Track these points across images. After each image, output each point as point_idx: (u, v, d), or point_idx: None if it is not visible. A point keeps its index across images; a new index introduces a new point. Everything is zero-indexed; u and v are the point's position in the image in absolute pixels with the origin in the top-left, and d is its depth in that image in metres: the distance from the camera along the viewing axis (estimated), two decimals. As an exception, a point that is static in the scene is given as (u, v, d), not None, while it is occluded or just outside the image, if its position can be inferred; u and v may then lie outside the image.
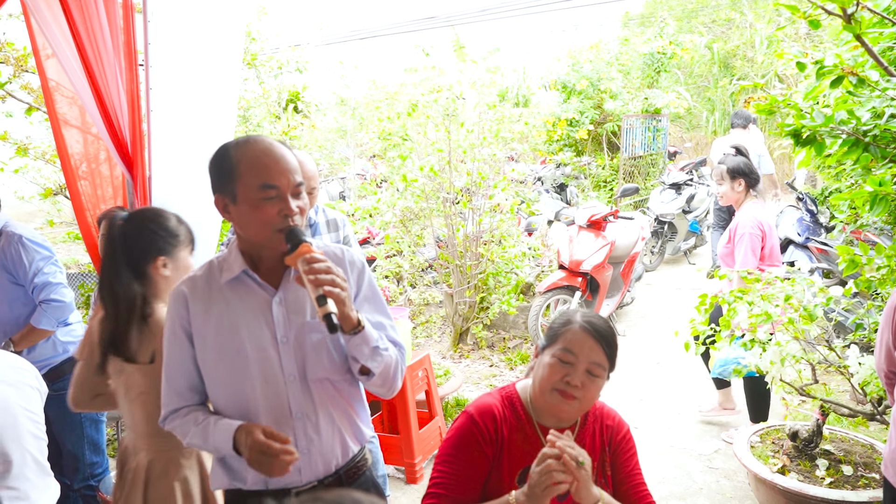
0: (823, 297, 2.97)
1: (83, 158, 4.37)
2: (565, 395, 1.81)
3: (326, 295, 1.64)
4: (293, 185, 1.72)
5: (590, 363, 1.81)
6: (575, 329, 1.84)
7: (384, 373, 1.82)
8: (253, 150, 1.72)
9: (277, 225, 1.70)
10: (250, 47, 6.39)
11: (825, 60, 2.75)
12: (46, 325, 2.97)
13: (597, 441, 1.94)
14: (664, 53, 9.61)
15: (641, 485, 1.93)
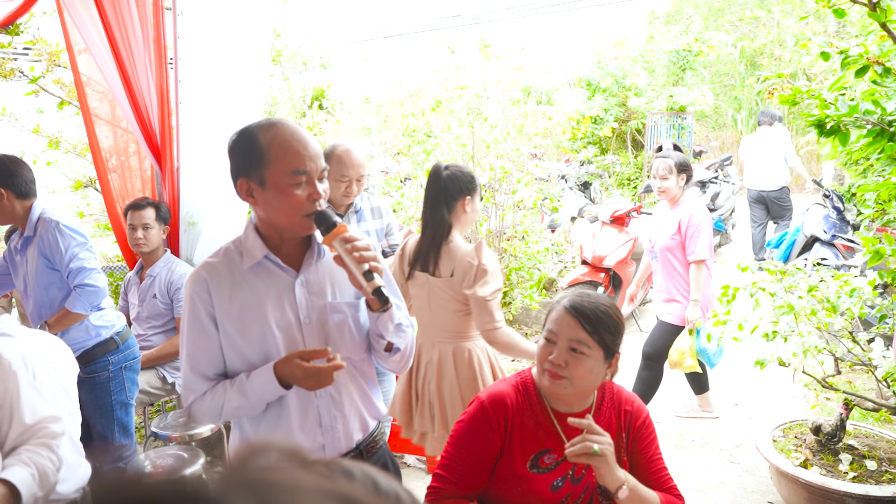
0: (847, 290, 2.96)
1: (112, 152, 4.47)
2: (552, 376, 1.84)
3: (372, 270, 1.69)
4: (320, 169, 1.75)
5: (570, 340, 1.83)
6: (558, 309, 1.89)
7: (405, 350, 1.90)
8: (282, 134, 1.73)
9: (306, 210, 1.73)
10: (275, 44, 6.46)
11: (850, 50, 2.74)
12: (80, 310, 3.05)
13: (613, 426, 1.95)
14: (690, 51, 9.55)
15: (663, 470, 1.94)
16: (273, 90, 7.13)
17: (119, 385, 3.22)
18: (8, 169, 3.05)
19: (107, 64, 3.80)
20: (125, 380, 3.25)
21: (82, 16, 3.74)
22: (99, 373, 3.18)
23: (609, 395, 1.99)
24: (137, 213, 3.84)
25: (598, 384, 1.91)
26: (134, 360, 3.34)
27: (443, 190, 2.84)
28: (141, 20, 3.83)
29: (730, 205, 8.97)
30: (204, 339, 1.83)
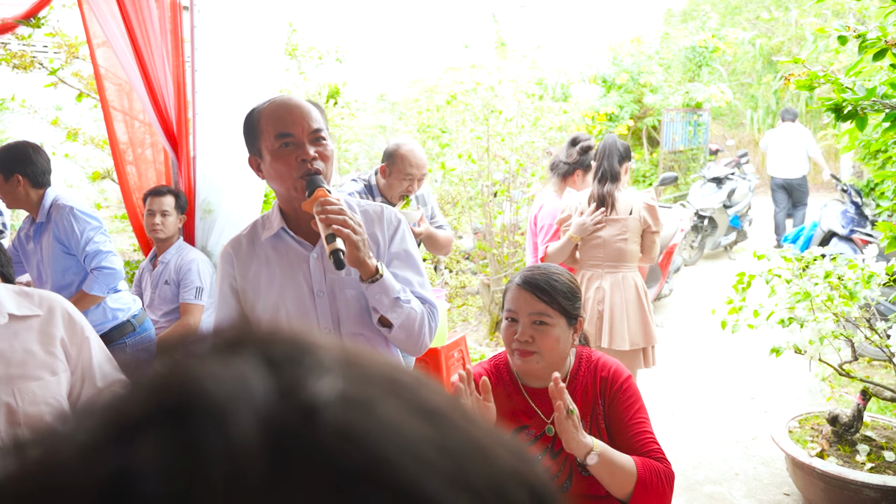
0: (865, 276, 2.93)
1: (129, 144, 4.51)
2: (522, 354, 1.88)
3: (335, 234, 1.70)
4: (308, 131, 1.79)
5: (531, 315, 1.87)
6: (513, 287, 1.92)
7: (406, 326, 1.84)
8: (271, 106, 1.82)
9: (298, 171, 1.78)
10: (292, 38, 6.48)
11: (868, 34, 2.71)
12: (98, 292, 3.08)
13: (588, 393, 1.95)
14: (706, 47, 9.50)
15: (644, 433, 1.87)
16: (289, 84, 7.15)
17: None
18: (28, 156, 3.11)
19: (126, 56, 3.83)
20: None
21: (103, 9, 3.79)
22: (116, 355, 3.21)
23: (585, 364, 1.99)
24: (157, 200, 3.89)
25: (567, 352, 1.94)
26: (151, 342, 3.37)
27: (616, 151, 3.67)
28: (160, 14, 3.87)
29: (746, 201, 8.91)
30: (227, 310, 1.93)
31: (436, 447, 0.31)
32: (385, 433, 0.30)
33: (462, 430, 0.34)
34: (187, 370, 0.32)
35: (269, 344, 0.34)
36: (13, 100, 5.12)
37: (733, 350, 5.43)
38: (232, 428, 0.28)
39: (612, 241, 3.57)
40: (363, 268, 1.76)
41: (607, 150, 3.68)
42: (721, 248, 8.91)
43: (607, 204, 3.56)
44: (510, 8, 12.34)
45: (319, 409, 0.30)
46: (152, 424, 0.29)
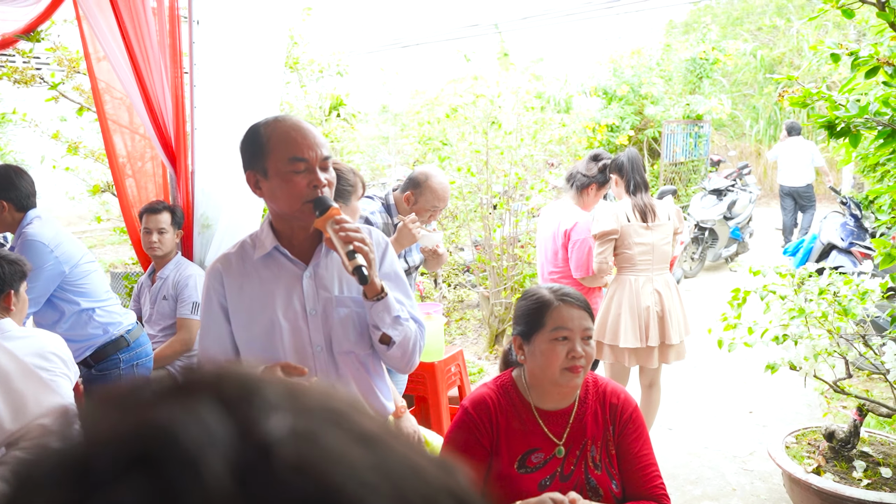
0: (859, 292, 2.93)
1: (129, 158, 4.53)
2: (574, 370, 1.85)
3: (356, 250, 1.72)
4: (321, 158, 1.80)
5: (583, 331, 1.87)
6: (556, 306, 1.89)
7: (403, 344, 1.88)
8: (282, 126, 1.80)
9: (307, 196, 1.78)
10: (293, 51, 6.51)
11: (860, 52, 2.72)
12: None
13: (599, 419, 1.95)
14: (706, 59, 9.51)
15: (650, 466, 1.92)
16: (290, 97, 7.18)
17: None
18: (11, 181, 3.12)
19: (124, 71, 3.86)
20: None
21: (101, 24, 3.81)
22: (110, 370, 3.22)
23: (594, 389, 1.98)
24: (153, 217, 3.89)
25: None
26: (146, 357, 3.37)
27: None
28: (159, 27, 3.90)
29: (747, 213, 8.91)
30: (215, 327, 1.91)
31: (376, 470, 0.35)
32: (332, 462, 0.34)
33: (396, 452, 0.37)
34: (150, 419, 0.33)
35: (220, 385, 0.36)
36: (14, 113, 5.15)
37: (732, 364, 5.42)
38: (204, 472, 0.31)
39: (659, 246, 3.85)
40: (370, 287, 1.79)
41: (634, 163, 3.95)
42: (722, 259, 8.91)
43: (649, 213, 3.85)
44: (512, 20, 12.38)
45: (274, 445, 0.33)
46: (126, 475, 0.31)
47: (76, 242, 3.24)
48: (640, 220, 3.84)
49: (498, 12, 12.42)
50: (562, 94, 11.18)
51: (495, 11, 12.44)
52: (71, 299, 3.14)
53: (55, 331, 3.12)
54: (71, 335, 3.15)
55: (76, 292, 3.15)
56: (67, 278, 3.11)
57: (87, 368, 3.31)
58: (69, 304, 3.14)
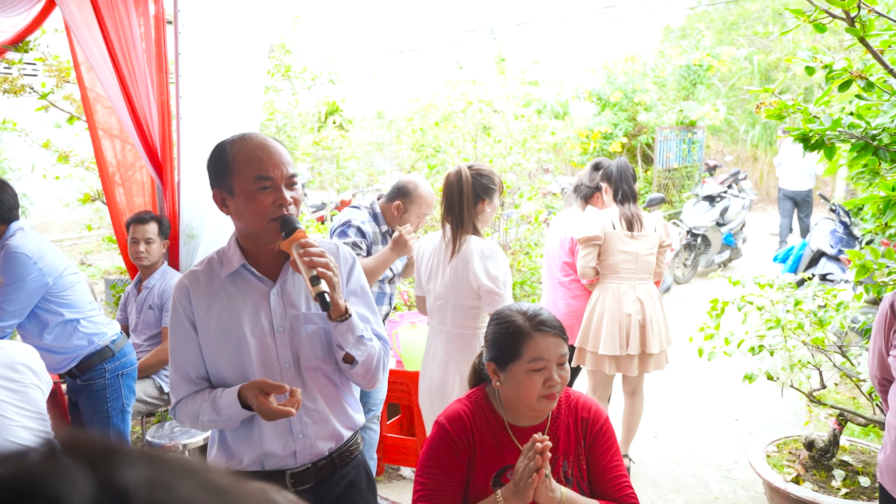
0: (834, 303, 2.95)
1: (120, 166, 4.55)
2: (551, 397, 1.86)
3: (319, 276, 1.73)
4: (286, 176, 1.81)
5: (559, 357, 1.86)
6: (532, 335, 1.86)
7: (367, 363, 1.89)
8: (247, 144, 1.81)
9: (272, 214, 1.79)
10: (285, 60, 6.54)
11: (834, 65, 2.74)
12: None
13: (571, 434, 1.95)
14: (700, 65, 9.54)
15: (620, 476, 1.93)
16: (282, 105, 7.21)
17: (115, 392, 3.29)
18: None
19: (108, 79, 3.88)
20: (122, 387, 3.32)
21: (85, 35, 3.84)
22: (96, 380, 3.25)
23: (566, 403, 1.99)
24: (140, 228, 3.91)
25: None
26: (131, 367, 3.40)
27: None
28: (145, 31, 3.93)
29: (740, 219, 8.92)
30: (186, 343, 1.92)
31: None
32: None
33: (239, 499, 0.43)
34: (27, 473, 0.39)
35: (87, 447, 0.42)
36: (4, 123, 5.18)
37: (719, 372, 5.43)
38: None
39: (642, 255, 3.93)
40: (335, 307, 1.79)
41: (623, 173, 4.03)
42: (715, 266, 8.92)
43: (636, 222, 3.93)
44: (507, 26, 12.42)
45: (131, 492, 0.38)
46: None
47: (59, 254, 3.24)
48: (625, 228, 3.90)
49: (493, 18, 12.46)
50: (558, 100, 11.21)
51: (490, 17, 12.48)
52: (55, 310, 3.16)
53: (40, 342, 3.15)
54: (56, 346, 3.18)
55: (60, 303, 3.17)
56: (51, 290, 3.12)
57: (73, 379, 3.33)
58: (53, 315, 3.16)
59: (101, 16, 3.68)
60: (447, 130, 6.36)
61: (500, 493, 1.79)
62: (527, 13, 12.03)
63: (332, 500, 1.97)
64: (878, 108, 2.88)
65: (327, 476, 1.96)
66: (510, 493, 1.77)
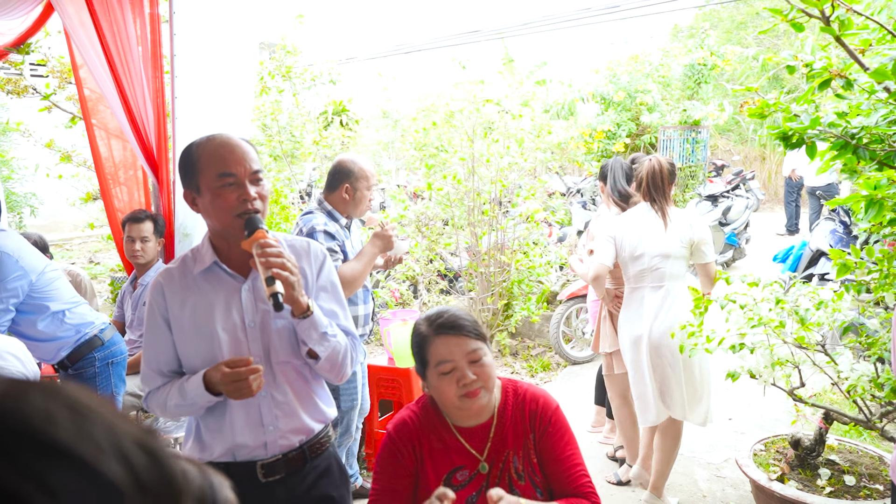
0: (814, 302, 2.95)
1: (122, 165, 4.62)
2: (471, 395, 1.83)
3: (274, 276, 1.77)
4: (249, 172, 1.86)
5: (468, 355, 1.84)
6: (432, 339, 1.87)
7: (331, 358, 1.94)
8: (211, 144, 1.87)
9: (237, 210, 1.84)
10: (286, 60, 6.60)
11: (814, 64, 2.76)
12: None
13: (519, 428, 1.94)
14: (704, 64, 9.51)
15: (575, 466, 1.91)
16: (285, 105, 7.26)
17: (105, 380, 3.38)
18: None
19: (104, 79, 3.94)
20: (111, 375, 3.42)
21: (80, 32, 3.89)
22: (86, 369, 3.35)
23: (513, 398, 1.97)
24: (136, 226, 3.98)
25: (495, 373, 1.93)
26: (121, 356, 3.48)
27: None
28: (139, 35, 3.98)
29: (743, 219, 8.90)
30: (158, 338, 1.98)
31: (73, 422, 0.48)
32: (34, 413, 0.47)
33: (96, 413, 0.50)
34: None
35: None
36: (7, 124, 5.27)
37: (714, 370, 5.42)
38: None
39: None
40: (296, 305, 1.84)
41: (614, 172, 4.08)
42: (717, 265, 8.89)
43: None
44: (512, 27, 12.43)
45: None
46: None
47: (38, 254, 3.35)
48: None
49: (498, 19, 12.48)
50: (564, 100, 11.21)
51: (496, 18, 12.49)
52: (41, 304, 3.24)
53: (29, 335, 3.22)
54: (44, 336, 3.28)
55: (45, 297, 3.26)
56: (35, 286, 3.21)
57: (64, 371, 3.41)
58: (39, 308, 3.25)
59: (96, 16, 3.74)
60: (448, 130, 6.39)
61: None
62: (532, 13, 12.02)
63: (303, 490, 2.01)
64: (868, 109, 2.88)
65: (298, 467, 2.00)
66: None
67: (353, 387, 3.46)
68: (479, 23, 12.91)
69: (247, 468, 1.96)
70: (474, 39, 12.72)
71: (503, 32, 12.83)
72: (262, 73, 6.48)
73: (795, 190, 11.70)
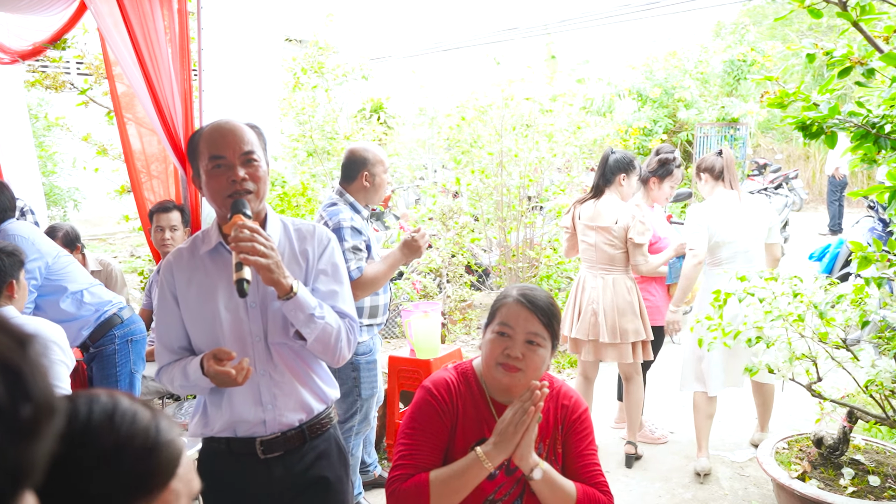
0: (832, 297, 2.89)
1: (155, 159, 4.74)
2: (508, 368, 1.86)
3: (242, 262, 1.80)
4: (239, 153, 1.91)
5: (527, 333, 1.86)
6: (510, 303, 1.90)
7: (322, 339, 1.95)
8: (208, 130, 1.95)
9: (227, 191, 1.90)
10: (318, 57, 6.67)
11: (835, 52, 2.69)
12: None
13: (550, 419, 1.97)
14: (744, 60, 9.33)
15: (593, 465, 1.94)
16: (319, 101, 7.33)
17: (124, 357, 3.52)
18: None
19: (134, 73, 4.04)
20: (130, 352, 3.57)
21: (110, 27, 4.00)
22: (106, 345, 3.51)
23: (550, 390, 1.98)
24: (165, 216, 4.09)
25: (543, 374, 1.94)
26: (140, 335, 3.65)
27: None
28: (167, 29, 4.07)
29: (782, 218, 8.71)
30: (168, 315, 2.04)
31: None
32: None
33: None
34: None
35: None
36: (46, 118, 5.44)
37: (747, 369, 5.33)
38: None
39: (600, 247, 4.01)
40: (278, 286, 1.87)
41: (600, 165, 4.10)
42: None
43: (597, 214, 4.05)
44: (551, 23, 12.35)
45: None
46: None
47: (50, 241, 3.55)
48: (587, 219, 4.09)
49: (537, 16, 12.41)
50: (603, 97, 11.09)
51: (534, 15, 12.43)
52: (59, 286, 3.43)
53: (53, 317, 3.34)
54: (67, 316, 3.44)
55: (61, 279, 3.46)
56: (51, 268, 3.38)
57: (87, 350, 3.56)
58: (59, 289, 3.45)
59: (126, 12, 3.84)
60: (479, 125, 6.39)
61: (479, 449, 1.79)
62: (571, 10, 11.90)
63: (301, 469, 2.04)
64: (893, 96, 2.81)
65: (296, 446, 2.03)
66: (491, 445, 1.78)
67: (374, 375, 3.48)
68: (517, 20, 12.85)
69: (247, 444, 2.00)
70: (512, 37, 12.67)
71: (542, 29, 12.76)
72: (294, 69, 6.56)
73: (839, 189, 11.46)
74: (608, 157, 4.08)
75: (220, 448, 2.04)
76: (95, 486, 0.78)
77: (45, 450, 0.51)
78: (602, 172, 4.07)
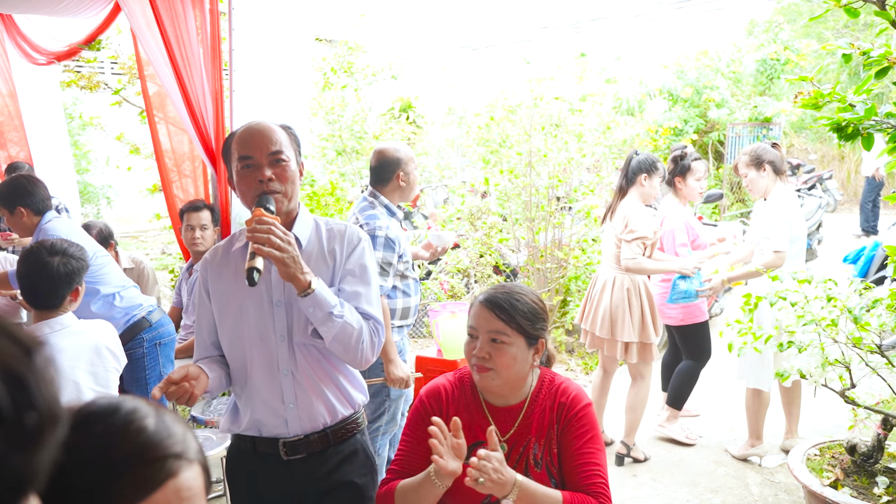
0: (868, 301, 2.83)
1: (186, 158, 4.80)
2: (480, 369, 1.90)
3: (256, 252, 1.80)
4: (267, 153, 1.93)
5: (489, 332, 1.89)
6: (475, 305, 1.96)
7: (341, 339, 1.92)
8: (240, 131, 1.98)
9: (256, 190, 1.92)
10: (348, 57, 6.71)
11: (872, 52, 2.63)
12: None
13: (545, 417, 1.95)
14: (777, 59, 9.18)
15: (589, 464, 1.88)
16: (349, 100, 7.37)
17: (153, 360, 3.54)
18: (27, 189, 3.52)
19: (166, 73, 4.09)
20: (160, 356, 3.58)
21: (143, 28, 4.05)
22: (135, 349, 3.51)
23: (547, 386, 1.99)
24: (195, 215, 4.12)
25: (526, 371, 1.94)
26: (169, 337, 3.65)
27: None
28: (199, 29, 4.12)
29: (815, 220, 8.55)
30: (202, 309, 2.09)
31: None
32: None
33: None
34: None
35: None
36: (80, 118, 5.53)
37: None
38: None
39: (609, 245, 4.22)
40: (295, 282, 1.86)
41: (624, 166, 4.22)
42: (787, 267, 8.58)
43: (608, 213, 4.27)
44: (581, 22, 12.29)
45: None
46: None
47: (89, 240, 3.58)
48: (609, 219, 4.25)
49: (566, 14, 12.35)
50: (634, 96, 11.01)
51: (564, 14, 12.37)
52: (93, 288, 3.43)
53: (87, 312, 3.39)
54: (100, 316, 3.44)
55: (96, 281, 3.45)
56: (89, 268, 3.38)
57: None
58: (92, 291, 3.43)
59: (158, 12, 3.89)
60: (508, 125, 6.37)
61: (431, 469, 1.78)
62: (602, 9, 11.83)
63: (324, 473, 2.04)
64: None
65: (320, 450, 2.03)
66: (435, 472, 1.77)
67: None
68: (548, 19, 12.79)
69: (271, 444, 2.02)
70: (542, 36, 12.63)
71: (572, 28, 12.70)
72: (323, 68, 6.60)
73: (875, 190, 11.24)
74: (632, 159, 4.16)
75: (246, 447, 2.06)
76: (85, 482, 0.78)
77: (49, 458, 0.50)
78: (625, 173, 4.15)
